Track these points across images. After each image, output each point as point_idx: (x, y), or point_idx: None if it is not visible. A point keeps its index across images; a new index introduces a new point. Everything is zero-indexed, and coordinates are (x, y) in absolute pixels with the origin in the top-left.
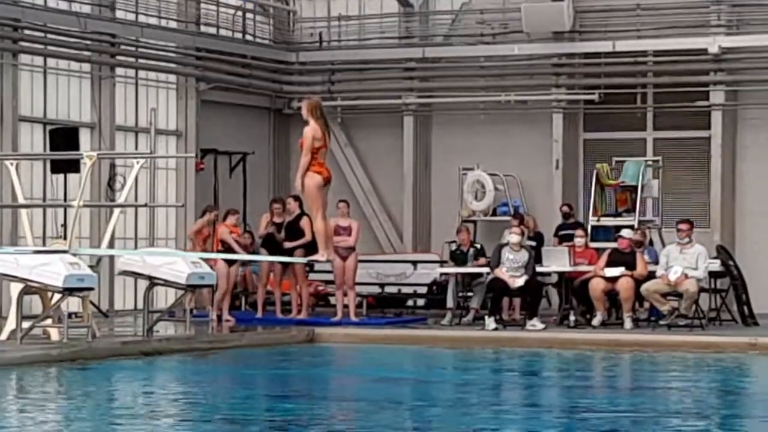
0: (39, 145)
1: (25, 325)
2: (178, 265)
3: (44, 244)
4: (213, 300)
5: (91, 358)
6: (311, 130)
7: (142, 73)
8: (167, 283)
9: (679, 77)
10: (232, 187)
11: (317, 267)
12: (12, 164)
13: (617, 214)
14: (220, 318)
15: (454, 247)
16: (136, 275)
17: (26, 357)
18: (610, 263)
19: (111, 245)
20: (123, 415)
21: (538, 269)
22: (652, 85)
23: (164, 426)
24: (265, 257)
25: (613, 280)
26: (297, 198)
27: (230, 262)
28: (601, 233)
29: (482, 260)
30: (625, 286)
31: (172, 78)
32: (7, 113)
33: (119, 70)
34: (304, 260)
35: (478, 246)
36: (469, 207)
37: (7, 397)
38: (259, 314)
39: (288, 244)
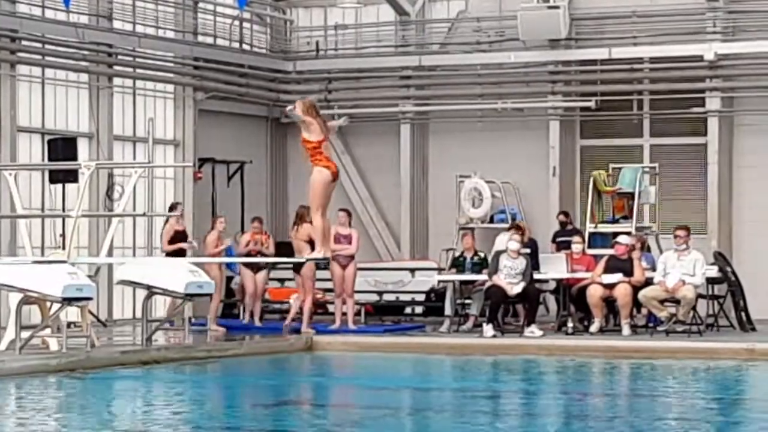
0: (37, 156)
1: (24, 335)
2: (177, 274)
3: (43, 255)
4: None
5: (90, 367)
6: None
7: (139, 83)
8: (165, 292)
9: (675, 84)
10: (230, 196)
11: (317, 275)
12: (10, 174)
13: (614, 221)
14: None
15: (457, 253)
16: (134, 284)
17: (25, 367)
18: (607, 270)
19: (110, 254)
20: (120, 425)
21: (536, 276)
22: (648, 92)
23: None
24: (268, 259)
25: (611, 286)
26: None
27: (255, 269)
28: (598, 240)
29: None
30: (622, 292)
31: (170, 87)
32: (6, 124)
33: (117, 80)
34: (302, 259)
35: (482, 255)
36: (466, 214)
37: (6, 407)
38: (257, 322)
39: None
